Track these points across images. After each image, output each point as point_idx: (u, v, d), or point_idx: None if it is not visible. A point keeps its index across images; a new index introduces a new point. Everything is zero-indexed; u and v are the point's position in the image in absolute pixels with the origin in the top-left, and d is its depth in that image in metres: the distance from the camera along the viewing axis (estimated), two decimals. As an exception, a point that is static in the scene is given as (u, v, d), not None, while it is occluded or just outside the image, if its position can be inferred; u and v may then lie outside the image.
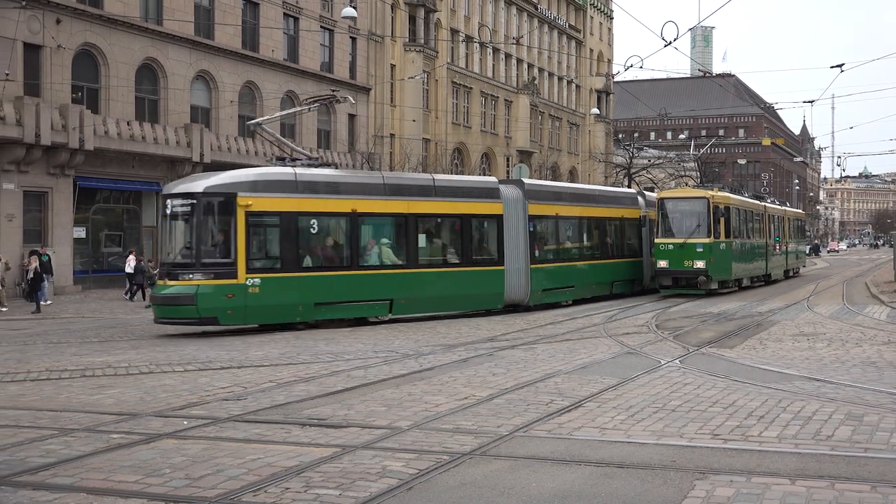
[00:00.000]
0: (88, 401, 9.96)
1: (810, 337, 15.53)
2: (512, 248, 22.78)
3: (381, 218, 20.57)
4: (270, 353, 14.32)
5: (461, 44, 58.54)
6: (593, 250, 27.50)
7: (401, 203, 20.47)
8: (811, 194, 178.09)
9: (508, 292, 22.69)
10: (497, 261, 22.46)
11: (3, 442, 7.76)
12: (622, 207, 29.53)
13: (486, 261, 22.40)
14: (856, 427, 7.84)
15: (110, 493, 6.09)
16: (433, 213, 21.52)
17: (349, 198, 19.50)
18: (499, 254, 22.54)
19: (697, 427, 7.96)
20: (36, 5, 30.74)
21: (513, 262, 22.79)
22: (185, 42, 37.18)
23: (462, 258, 21.84)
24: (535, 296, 23.54)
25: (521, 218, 23.29)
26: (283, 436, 7.91)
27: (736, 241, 29.92)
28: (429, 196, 21.27)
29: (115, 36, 34.07)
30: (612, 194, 31.18)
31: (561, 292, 25.10)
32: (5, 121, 29.18)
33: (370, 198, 19.94)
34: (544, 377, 11.11)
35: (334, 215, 19.47)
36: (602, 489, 6.04)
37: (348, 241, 19.68)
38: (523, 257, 23.15)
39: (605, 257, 27.83)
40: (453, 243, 22.23)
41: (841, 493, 5.81)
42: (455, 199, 21.80)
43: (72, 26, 32.38)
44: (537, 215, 24.10)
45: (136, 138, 33.83)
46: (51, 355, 14.56)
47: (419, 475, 6.42)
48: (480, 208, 22.23)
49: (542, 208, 24.51)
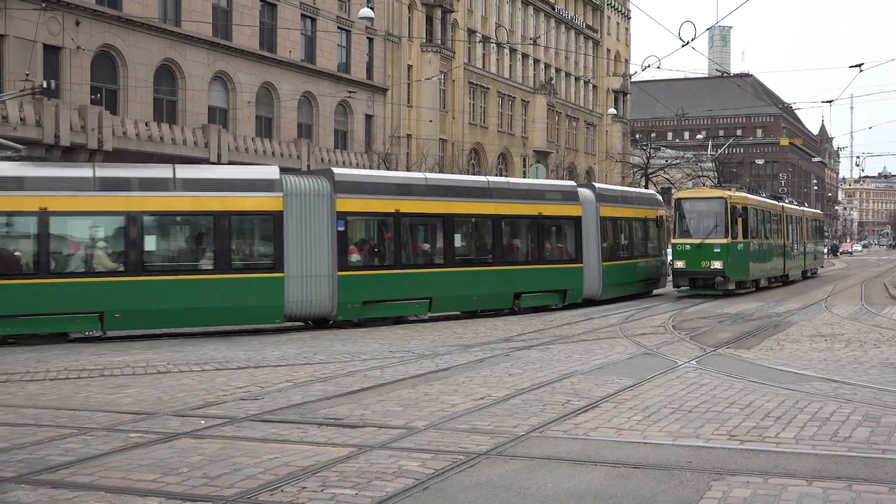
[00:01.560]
0: (107, 400, 10.02)
1: (828, 338, 15.44)
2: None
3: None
4: (287, 353, 14.37)
5: (478, 44, 58.47)
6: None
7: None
8: (829, 194, 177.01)
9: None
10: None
11: (23, 440, 7.81)
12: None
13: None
14: (873, 428, 7.79)
15: (128, 491, 6.13)
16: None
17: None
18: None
19: (714, 428, 7.93)
20: (55, 7, 30.95)
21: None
22: (203, 43, 37.33)
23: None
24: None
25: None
26: (300, 435, 7.93)
27: (753, 241, 29.51)
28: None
29: (133, 37, 34.25)
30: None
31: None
32: (25, 122, 29.40)
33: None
34: (560, 377, 11.09)
35: None
36: (618, 490, 6.03)
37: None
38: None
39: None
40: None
41: (858, 495, 5.78)
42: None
43: (91, 28, 32.58)
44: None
45: (155, 139, 33.97)
46: (69, 355, 14.66)
47: (435, 475, 6.42)
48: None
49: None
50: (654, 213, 29.94)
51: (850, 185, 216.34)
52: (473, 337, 16.86)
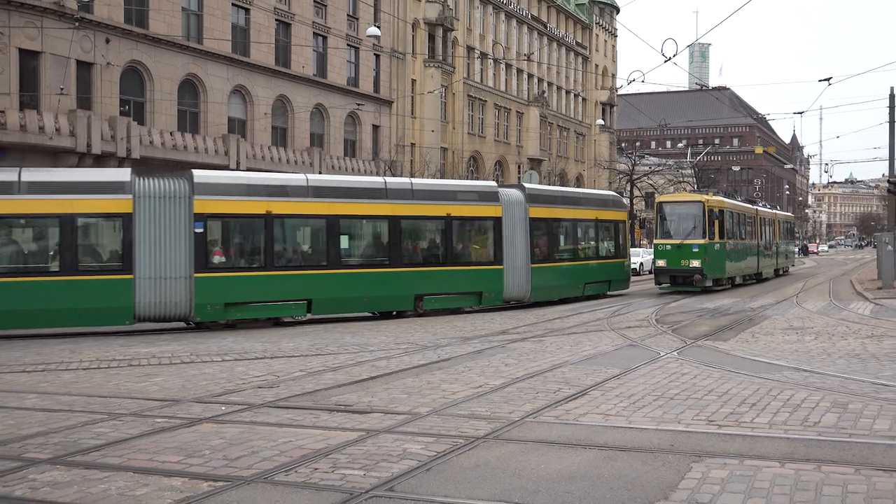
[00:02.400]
0: (135, 388, 10.02)
1: (799, 331, 15.43)
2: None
3: None
4: (301, 345, 14.37)
5: (476, 60, 58.50)
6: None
7: None
8: (800, 199, 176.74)
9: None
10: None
11: (59, 425, 7.82)
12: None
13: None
14: (841, 414, 7.78)
15: (155, 472, 6.13)
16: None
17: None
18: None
19: (694, 414, 7.93)
20: (88, 26, 30.94)
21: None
22: (223, 59, 37.32)
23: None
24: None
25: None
26: (313, 420, 7.93)
27: (730, 241, 29.40)
28: None
29: (159, 54, 34.25)
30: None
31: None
32: (60, 132, 29.43)
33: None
34: (552, 367, 11.08)
35: None
36: (605, 471, 6.03)
37: None
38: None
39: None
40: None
41: (827, 476, 5.78)
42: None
43: (120, 45, 32.58)
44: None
45: (179, 147, 33.98)
46: (100, 346, 14.67)
47: (437, 457, 6.42)
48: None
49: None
50: (612, 215, 27.50)
51: (819, 189, 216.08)
52: (472, 330, 16.85)
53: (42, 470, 6.22)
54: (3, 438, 7.30)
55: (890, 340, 13.62)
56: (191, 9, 36.30)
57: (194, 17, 36.48)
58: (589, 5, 77.53)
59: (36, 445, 7.02)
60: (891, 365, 10.84)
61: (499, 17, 61.75)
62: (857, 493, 5.37)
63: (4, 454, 6.74)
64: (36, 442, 7.15)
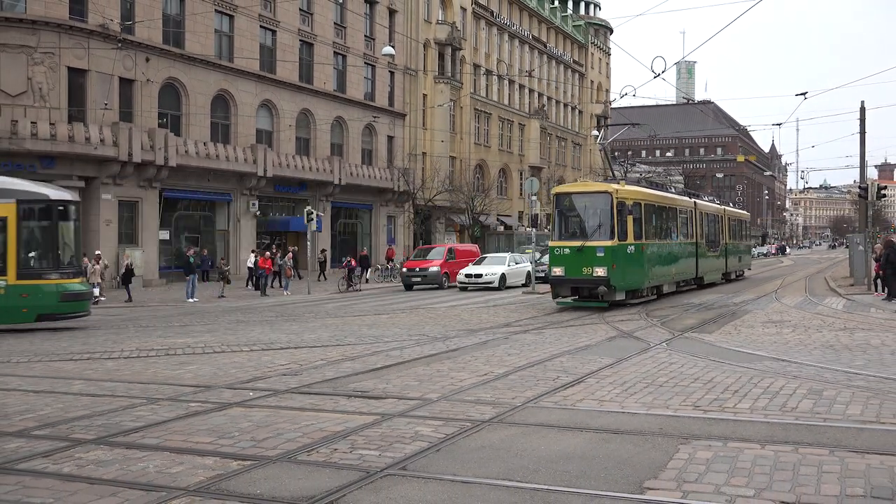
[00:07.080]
0: (171, 375, 10.04)
1: (778, 324, 15.34)
2: None
3: None
4: (322, 336, 14.36)
5: (482, 76, 58.51)
6: None
7: None
8: (779, 203, 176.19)
9: None
10: None
11: (102, 408, 7.84)
12: None
13: None
14: (816, 400, 7.73)
15: (189, 451, 6.13)
16: None
17: None
18: None
19: (681, 400, 7.89)
20: (129, 46, 31.06)
21: None
22: (252, 76, 37.42)
23: None
24: None
25: None
26: (332, 405, 7.91)
27: (651, 242, 21.41)
28: None
29: (193, 71, 34.36)
30: None
31: None
32: (104, 142, 29.54)
33: None
34: (551, 357, 11.04)
35: None
36: (600, 451, 6.00)
37: None
38: None
39: None
40: None
41: (803, 457, 5.74)
42: None
43: (158, 63, 32.69)
44: None
45: (211, 156, 34.09)
46: (140, 337, 14.70)
47: (446, 439, 6.40)
48: None
49: None
50: None
51: (796, 195, 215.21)
52: (478, 323, 16.81)
53: (87, 449, 6.23)
54: (52, 420, 7.33)
55: (861, 333, 13.53)
56: (223, 30, 36.40)
57: (226, 38, 36.57)
58: (585, 26, 77.48)
59: (82, 427, 7.03)
60: (862, 355, 10.77)
61: (503, 37, 61.72)
62: (831, 473, 5.33)
63: (54, 434, 6.76)
64: (82, 424, 7.16)
